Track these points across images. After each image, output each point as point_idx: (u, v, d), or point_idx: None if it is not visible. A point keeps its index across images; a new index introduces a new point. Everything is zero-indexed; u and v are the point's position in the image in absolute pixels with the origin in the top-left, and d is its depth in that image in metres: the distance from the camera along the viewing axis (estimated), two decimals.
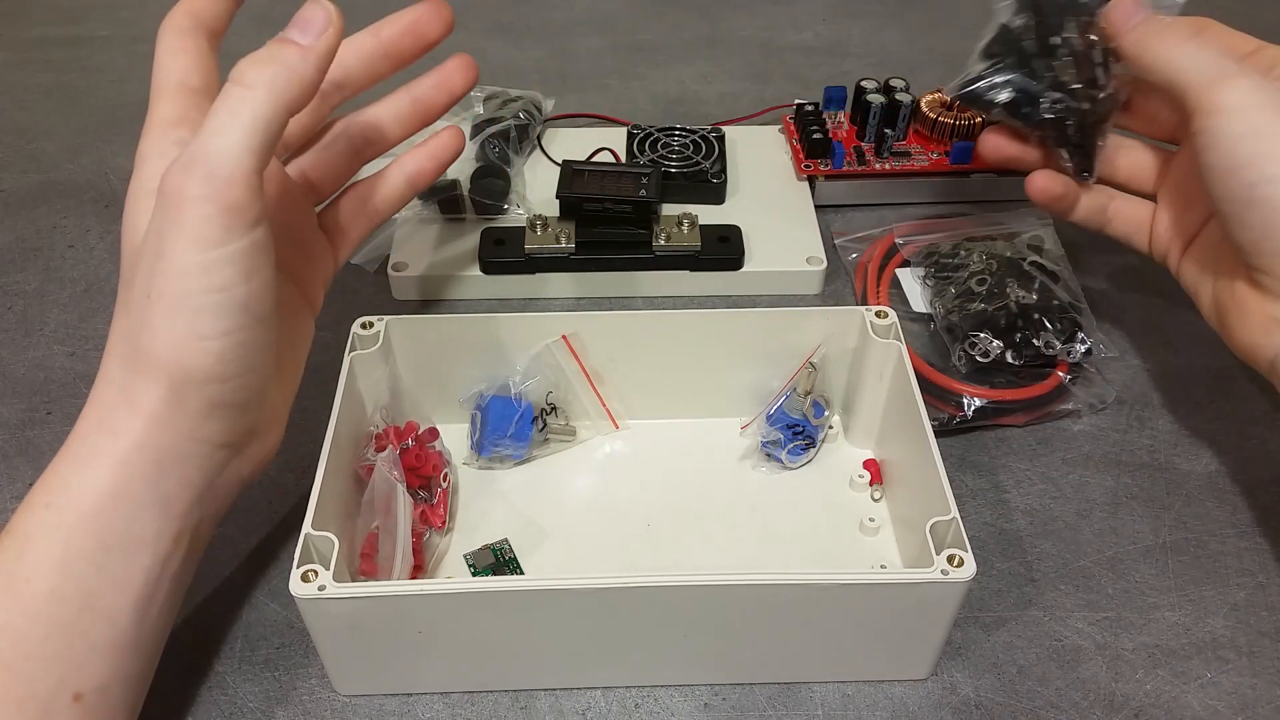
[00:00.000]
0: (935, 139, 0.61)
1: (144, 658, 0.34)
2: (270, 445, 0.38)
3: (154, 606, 0.34)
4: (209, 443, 0.34)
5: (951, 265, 0.53)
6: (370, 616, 0.35)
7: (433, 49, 0.42)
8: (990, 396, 0.48)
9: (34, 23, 0.82)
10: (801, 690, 0.39)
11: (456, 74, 0.43)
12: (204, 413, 0.33)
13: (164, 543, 0.33)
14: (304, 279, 0.41)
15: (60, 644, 0.31)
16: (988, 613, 0.41)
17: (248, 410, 0.35)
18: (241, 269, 0.32)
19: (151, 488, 0.33)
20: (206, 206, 0.31)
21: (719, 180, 0.59)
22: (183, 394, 0.32)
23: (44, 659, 0.31)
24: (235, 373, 0.33)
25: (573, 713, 0.38)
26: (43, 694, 0.31)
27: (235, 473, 0.36)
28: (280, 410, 0.39)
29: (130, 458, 0.32)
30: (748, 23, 0.82)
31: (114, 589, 0.32)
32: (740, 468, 0.46)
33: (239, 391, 0.34)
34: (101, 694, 0.32)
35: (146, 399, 0.32)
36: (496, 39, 0.79)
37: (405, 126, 0.43)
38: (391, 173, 0.44)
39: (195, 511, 0.35)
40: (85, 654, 0.32)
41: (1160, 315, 0.55)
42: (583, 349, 0.45)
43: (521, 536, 0.43)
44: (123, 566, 0.33)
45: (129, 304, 0.33)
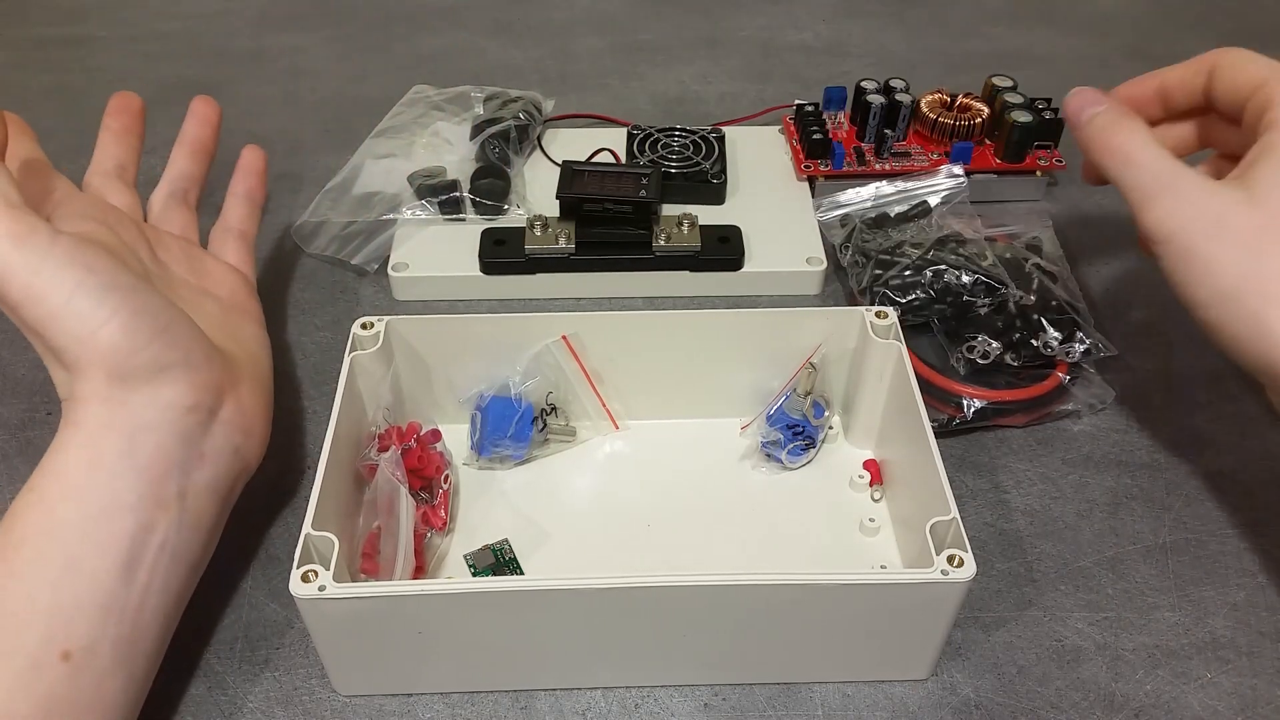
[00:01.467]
0: (935, 139, 0.61)
1: (133, 623, 0.35)
2: (251, 410, 0.41)
3: (140, 570, 0.35)
4: (173, 407, 0.37)
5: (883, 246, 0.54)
6: (370, 616, 0.35)
7: (219, 129, 0.52)
8: (990, 397, 0.48)
9: (34, 23, 0.82)
10: (801, 690, 0.39)
11: (202, 108, 0.52)
12: (151, 378, 0.36)
13: (146, 508, 0.36)
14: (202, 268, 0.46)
15: (46, 602, 0.33)
16: (988, 613, 0.41)
17: (193, 366, 0.38)
18: (78, 267, 0.35)
19: (126, 458, 0.36)
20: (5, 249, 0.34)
21: (719, 180, 0.59)
22: (120, 371, 0.36)
23: (30, 616, 0.33)
24: (149, 337, 0.36)
25: (573, 713, 0.38)
26: (31, 648, 0.33)
27: (225, 440, 0.39)
28: (247, 371, 0.42)
29: (97, 436, 0.35)
30: (748, 23, 0.82)
31: (97, 552, 0.34)
32: (740, 468, 0.46)
33: (169, 350, 0.37)
34: (90, 653, 0.34)
35: (91, 387, 0.36)
36: (496, 39, 0.79)
37: (197, 164, 0.51)
38: (228, 203, 0.52)
39: (177, 476, 0.37)
40: (71, 612, 0.33)
41: (1160, 315, 0.55)
42: (583, 349, 0.45)
43: (521, 537, 0.43)
44: (105, 531, 0.35)
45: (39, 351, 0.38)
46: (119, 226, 0.42)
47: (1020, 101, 0.60)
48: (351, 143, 0.63)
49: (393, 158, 0.60)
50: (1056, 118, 0.60)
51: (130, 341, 0.36)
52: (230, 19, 0.82)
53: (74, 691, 0.33)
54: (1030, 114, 0.59)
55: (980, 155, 0.61)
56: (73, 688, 0.33)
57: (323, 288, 0.56)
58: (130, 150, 0.47)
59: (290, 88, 0.74)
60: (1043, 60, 0.77)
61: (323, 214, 0.58)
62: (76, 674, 0.33)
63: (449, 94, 0.65)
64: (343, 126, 0.69)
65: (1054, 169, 0.61)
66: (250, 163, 0.53)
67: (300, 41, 0.79)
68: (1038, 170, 0.61)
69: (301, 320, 0.54)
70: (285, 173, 0.65)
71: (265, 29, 0.81)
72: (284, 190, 0.63)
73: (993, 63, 0.74)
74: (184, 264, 0.45)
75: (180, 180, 0.49)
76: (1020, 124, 0.59)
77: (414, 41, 0.79)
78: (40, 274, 0.35)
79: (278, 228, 0.60)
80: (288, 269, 0.58)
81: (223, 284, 0.46)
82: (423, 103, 0.65)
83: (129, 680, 0.35)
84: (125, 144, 0.47)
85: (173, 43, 0.79)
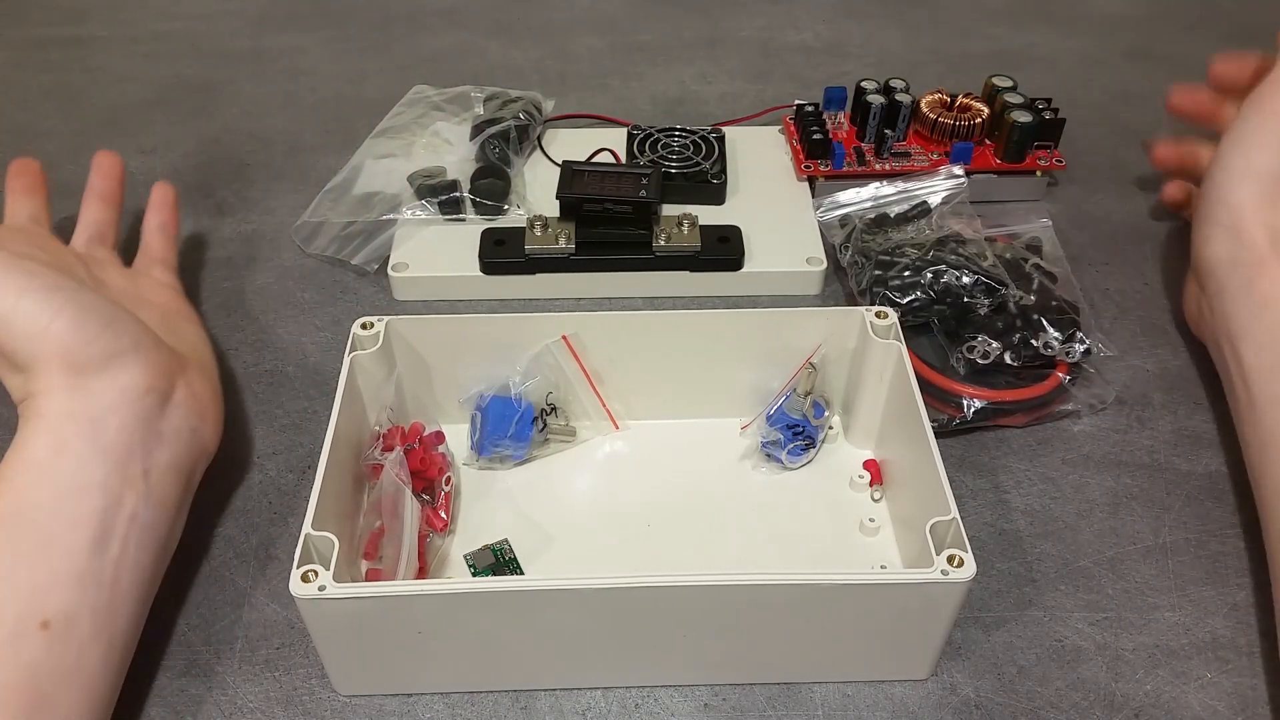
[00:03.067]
0: (935, 139, 0.61)
1: (111, 593, 0.37)
2: (203, 395, 0.43)
3: (112, 543, 0.37)
4: (131, 389, 0.39)
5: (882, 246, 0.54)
6: (370, 616, 0.35)
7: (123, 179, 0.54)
8: (990, 397, 0.48)
9: (34, 23, 0.82)
10: (801, 690, 0.39)
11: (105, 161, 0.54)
12: (106, 364, 0.39)
13: (113, 485, 0.38)
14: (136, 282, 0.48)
15: (23, 577, 0.35)
16: (988, 613, 0.41)
17: (144, 350, 0.40)
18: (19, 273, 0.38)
19: (90, 440, 0.38)
20: None
21: (719, 181, 0.59)
22: (76, 361, 0.38)
23: (8, 591, 0.35)
24: (98, 328, 0.39)
25: (573, 713, 0.38)
26: (11, 621, 0.34)
27: (182, 421, 0.41)
28: (193, 360, 0.44)
29: (60, 423, 0.38)
30: (748, 23, 0.82)
31: (69, 527, 0.36)
32: (740, 468, 0.46)
33: (119, 338, 0.39)
34: (69, 622, 0.35)
35: (50, 380, 0.38)
36: (496, 39, 0.79)
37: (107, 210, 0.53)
38: (145, 238, 0.54)
39: (140, 455, 0.39)
40: (48, 584, 0.35)
41: (1160, 315, 0.55)
42: (583, 349, 0.45)
43: (521, 537, 0.43)
44: (75, 508, 0.37)
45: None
46: (54, 250, 0.46)
47: (1020, 101, 0.60)
48: (351, 143, 0.63)
49: (393, 158, 0.60)
50: (1057, 118, 0.60)
51: (82, 332, 0.38)
52: (230, 19, 0.82)
53: (55, 659, 0.34)
54: (1030, 114, 0.59)
55: (980, 155, 0.61)
56: (54, 655, 0.34)
57: (323, 288, 0.56)
58: (41, 203, 0.50)
59: (290, 88, 0.74)
60: (1043, 60, 0.77)
61: (323, 214, 0.58)
62: (57, 642, 0.34)
63: (449, 94, 0.65)
64: (343, 126, 0.69)
65: (1054, 169, 0.61)
66: (160, 198, 0.55)
67: (300, 41, 0.79)
68: (1038, 170, 0.61)
69: (301, 320, 0.54)
70: (285, 173, 0.65)
71: (265, 29, 0.81)
72: (284, 190, 0.63)
73: (993, 63, 0.74)
74: (120, 280, 0.48)
75: (96, 225, 0.51)
76: (1020, 124, 0.59)
77: (414, 41, 0.79)
78: None
79: (278, 228, 0.60)
80: (288, 269, 0.58)
81: (158, 294, 0.49)
82: (423, 103, 0.65)
83: (109, 650, 0.36)
84: (35, 200, 0.50)
85: (173, 43, 0.79)
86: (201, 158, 0.66)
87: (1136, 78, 0.75)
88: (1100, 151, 0.67)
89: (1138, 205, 0.63)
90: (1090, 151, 0.67)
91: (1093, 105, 0.71)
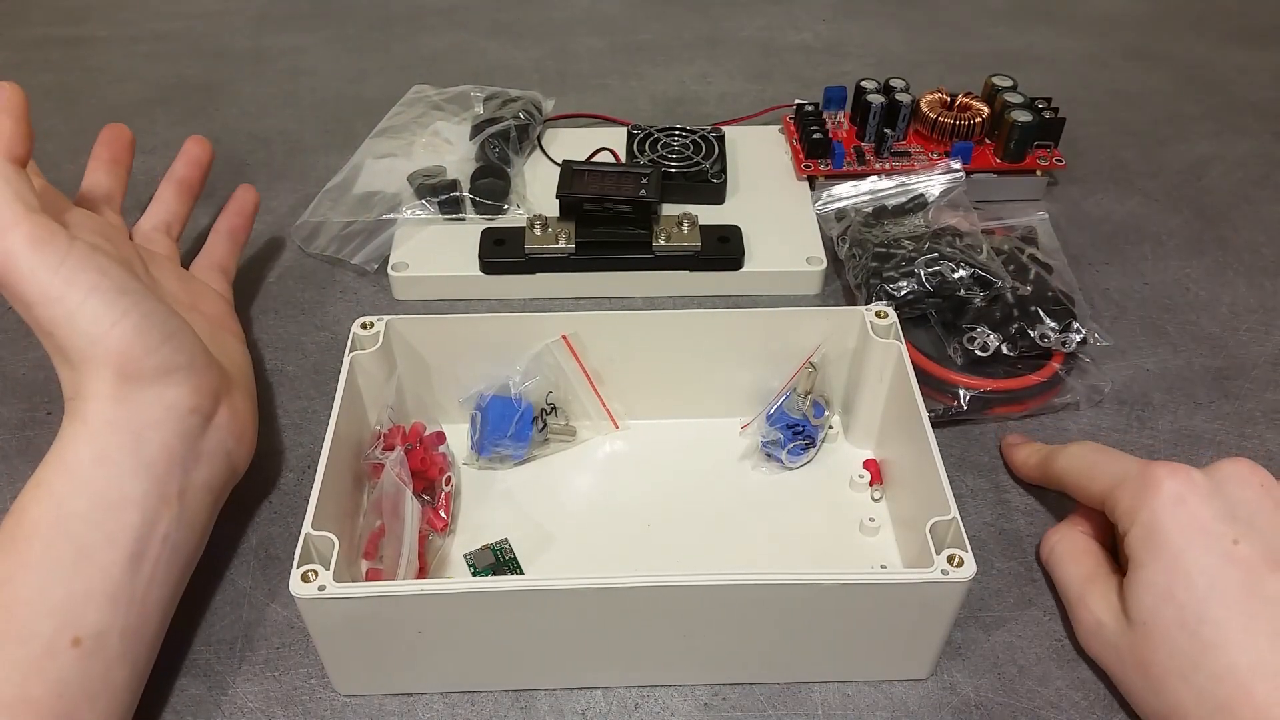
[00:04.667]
0: (935, 139, 0.61)
1: (140, 613, 0.36)
2: (242, 416, 0.42)
3: (145, 562, 0.36)
4: (177, 407, 0.38)
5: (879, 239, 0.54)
6: (370, 616, 0.35)
7: (209, 170, 0.54)
8: (987, 386, 0.48)
9: (34, 23, 0.82)
10: (801, 690, 0.39)
11: (195, 149, 0.53)
12: (158, 379, 0.38)
13: (151, 503, 0.37)
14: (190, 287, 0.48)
15: (58, 591, 0.34)
16: (988, 613, 0.41)
17: (196, 370, 0.39)
18: (92, 271, 0.37)
19: (132, 455, 0.37)
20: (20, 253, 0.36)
21: (719, 180, 0.59)
22: (130, 371, 0.37)
23: (43, 604, 0.34)
24: (159, 340, 0.38)
25: (573, 713, 0.38)
26: (45, 636, 0.33)
27: (219, 443, 0.40)
28: (238, 381, 0.43)
29: (103, 432, 0.37)
30: (748, 23, 0.82)
31: (106, 543, 0.36)
32: (740, 468, 0.46)
33: (176, 354, 0.38)
34: (99, 640, 0.35)
35: (100, 385, 0.37)
36: (496, 39, 0.79)
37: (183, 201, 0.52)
38: (212, 238, 0.53)
39: (178, 474, 0.38)
40: (82, 601, 0.35)
41: (1160, 315, 0.55)
42: (583, 349, 0.45)
43: (521, 536, 0.43)
44: (113, 523, 0.36)
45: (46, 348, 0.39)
46: (119, 242, 0.44)
47: (1020, 101, 0.60)
48: (351, 143, 0.63)
49: (393, 158, 0.60)
50: (1057, 117, 0.60)
51: (141, 343, 0.37)
52: (230, 19, 0.82)
53: (85, 677, 0.34)
54: (1030, 114, 0.59)
55: (980, 155, 0.61)
56: (83, 673, 0.34)
57: (323, 288, 0.56)
58: (119, 181, 0.48)
59: (290, 88, 0.74)
60: (1043, 60, 0.77)
61: (323, 214, 0.58)
62: (87, 660, 0.34)
63: (449, 94, 0.65)
64: (343, 126, 0.69)
65: (1054, 168, 0.61)
66: (241, 204, 0.55)
67: (300, 41, 0.79)
68: (1038, 170, 0.61)
69: (301, 320, 0.54)
70: (285, 173, 0.65)
71: (265, 29, 0.81)
72: (284, 190, 0.63)
73: (993, 63, 0.75)
74: (174, 282, 0.46)
75: (165, 215, 0.50)
76: (1020, 124, 0.59)
77: (414, 41, 0.79)
78: (57, 275, 0.36)
79: (278, 228, 0.60)
80: (288, 269, 0.58)
81: (209, 303, 0.48)
82: (423, 103, 0.65)
83: (133, 669, 0.36)
84: (114, 175, 0.48)
85: (173, 43, 0.79)
86: None
87: (1136, 78, 0.75)
88: (1100, 151, 0.67)
89: (1138, 205, 0.63)
90: (1090, 151, 0.67)
91: (1093, 105, 0.71)
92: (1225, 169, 0.66)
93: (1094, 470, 0.40)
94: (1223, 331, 0.54)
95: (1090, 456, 0.41)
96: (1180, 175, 0.65)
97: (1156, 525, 0.36)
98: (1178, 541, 0.35)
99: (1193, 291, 0.56)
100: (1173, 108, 0.72)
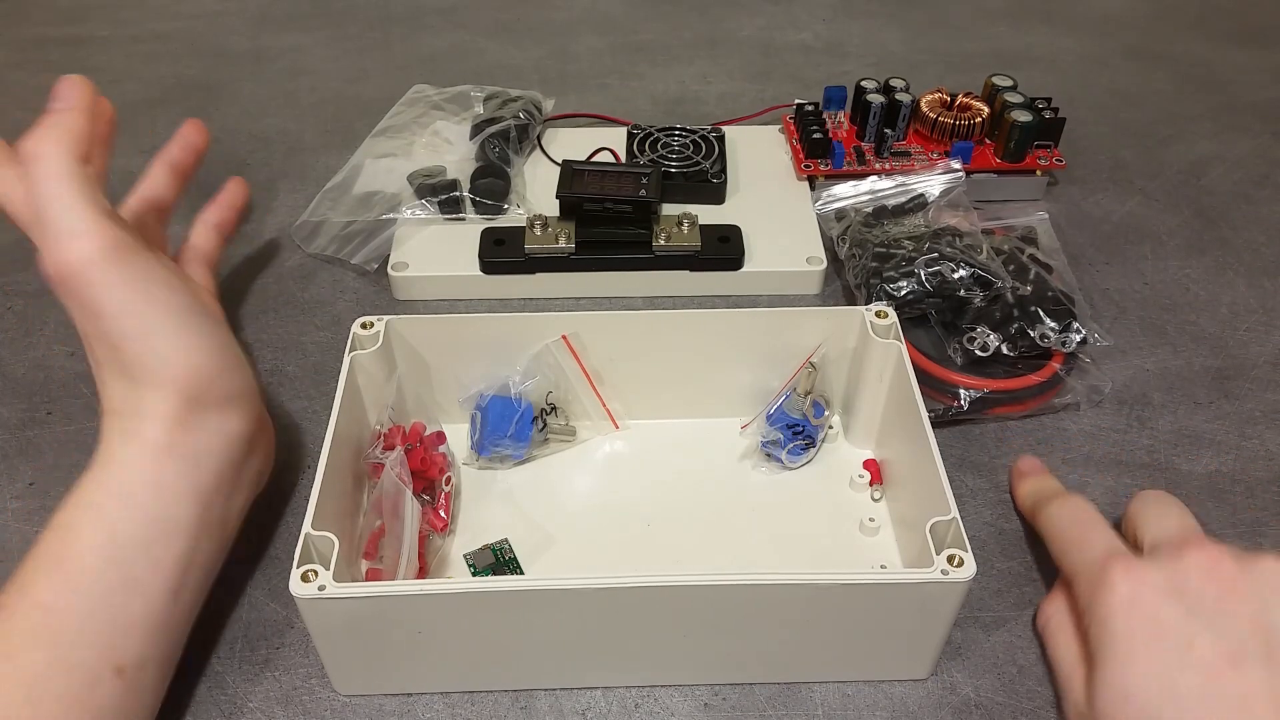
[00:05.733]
0: (935, 139, 0.61)
1: (173, 640, 0.36)
2: (270, 437, 0.42)
3: (185, 590, 0.36)
4: (231, 435, 0.38)
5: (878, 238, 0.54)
6: (370, 616, 0.35)
7: (204, 156, 0.50)
8: (987, 386, 0.48)
9: (34, 23, 0.82)
10: (801, 690, 0.39)
11: (192, 134, 0.50)
12: (220, 406, 0.38)
13: (194, 531, 0.37)
14: None
15: (104, 620, 0.34)
16: (988, 613, 0.41)
17: (248, 398, 0.39)
18: (177, 290, 0.37)
19: (188, 481, 0.36)
20: (99, 262, 0.34)
21: (719, 180, 0.59)
22: (196, 396, 0.37)
23: (90, 633, 0.33)
24: (222, 367, 0.38)
25: (573, 713, 0.38)
26: (90, 664, 0.33)
27: (253, 467, 0.41)
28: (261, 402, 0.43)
29: (161, 457, 0.36)
30: (748, 23, 0.82)
31: (153, 571, 0.35)
32: (740, 468, 0.46)
33: (235, 381, 0.38)
34: (140, 669, 0.34)
35: (163, 407, 0.36)
36: (496, 39, 0.79)
37: (173, 185, 0.49)
38: (199, 230, 0.51)
39: (222, 501, 0.38)
40: (126, 630, 0.34)
41: (1160, 315, 0.55)
42: (583, 349, 0.45)
43: (521, 536, 0.43)
44: (161, 550, 0.35)
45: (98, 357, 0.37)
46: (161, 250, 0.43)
47: (1020, 101, 0.60)
48: (351, 143, 0.63)
49: (393, 157, 0.60)
50: (1057, 117, 0.60)
51: (212, 367, 0.37)
52: (230, 19, 0.82)
53: (123, 706, 0.34)
54: (1030, 114, 0.59)
55: (980, 155, 0.61)
56: (123, 702, 0.34)
57: (323, 288, 0.56)
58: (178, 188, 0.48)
59: (290, 88, 0.74)
60: (1043, 60, 0.77)
61: (323, 214, 0.58)
62: (127, 690, 0.34)
63: (449, 94, 0.65)
64: (343, 126, 0.69)
65: (1054, 168, 0.61)
66: (232, 197, 0.53)
67: (300, 41, 0.79)
68: (1038, 170, 0.61)
69: (301, 320, 0.54)
70: (285, 173, 0.65)
71: (265, 29, 0.81)
72: (284, 190, 0.63)
73: (993, 63, 0.75)
74: None
75: (154, 197, 0.48)
76: (1020, 124, 0.59)
77: (414, 41, 0.79)
78: (135, 288, 0.35)
79: (278, 228, 0.60)
80: (288, 269, 0.58)
81: (210, 301, 0.47)
82: (423, 102, 0.65)
83: (161, 693, 0.36)
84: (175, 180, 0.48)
85: (173, 43, 0.79)
86: None
87: (1136, 78, 0.75)
88: (1100, 151, 0.67)
89: (1137, 205, 0.63)
90: (1090, 151, 0.67)
91: (1093, 105, 0.71)
92: (1225, 169, 0.66)
93: (1066, 543, 0.39)
94: (1223, 331, 0.54)
95: (1065, 526, 0.39)
96: (1180, 175, 0.65)
97: (1109, 627, 0.34)
98: (1129, 646, 0.33)
99: (1193, 291, 0.56)
100: (1173, 108, 0.72)
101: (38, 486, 0.46)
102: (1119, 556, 0.35)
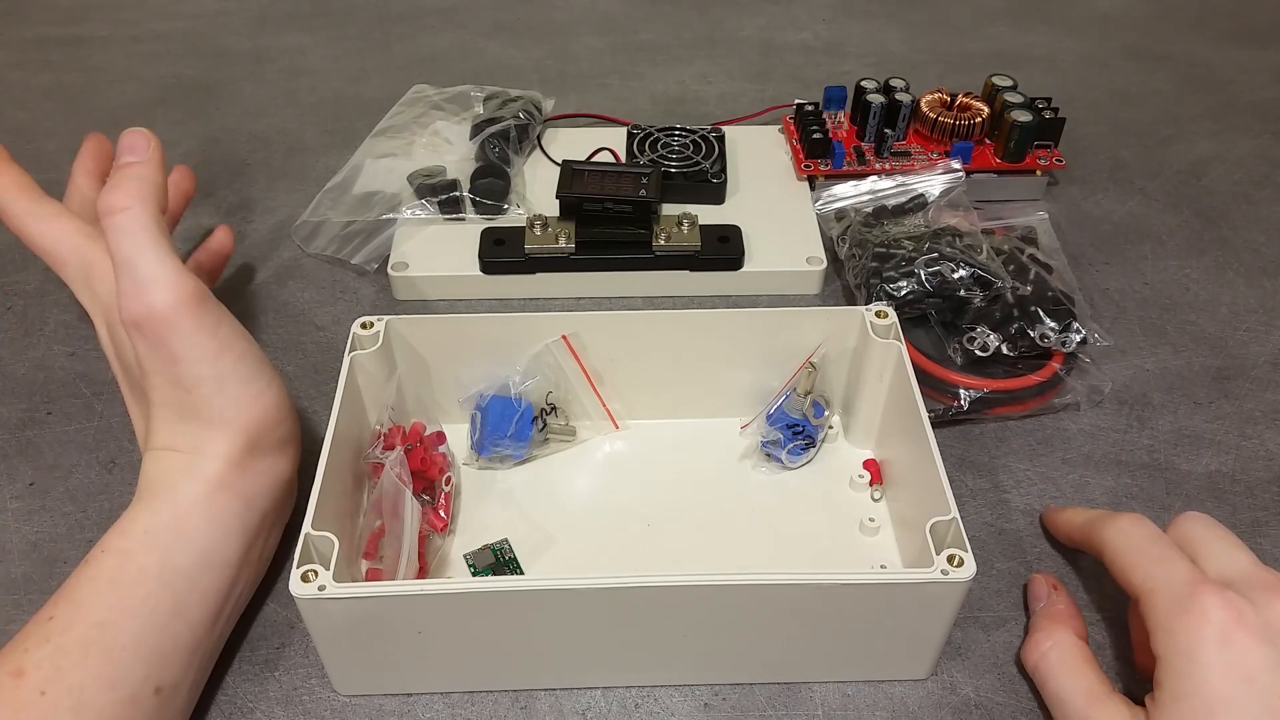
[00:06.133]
0: (935, 139, 0.61)
1: (206, 665, 0.38)
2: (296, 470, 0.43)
3: (222, 620, 0.38)
4: (279, 478, 0.40)
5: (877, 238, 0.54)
6: (370, 616, 0.35)
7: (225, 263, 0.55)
8: (987, 386, 0.48)
9: (34, 23, 0.82)
10: (801, 690, 0.39)
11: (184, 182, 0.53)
12: (275, 450, 0.40)
13: (239, 563, 0.38)
14: None
15: (150, 641, 0.35)
16: (988, 613, 0.41)
17: (296, 444, 0.42)
18: (245, 338, 0.39)
19: (239, 519, 0.38)
20: (183, 310, 0.36)
21: (719, 180, 0.59)
22: (258, 440, 0.39)
23: (136, 652, 0.35)
24: (282, 414, 0.40)
25: (573, 713, 0.38)
26: (133, 682, 0.34)
27: (290, 508, 0.43)
28: None
29: (216, 494, 0.38)
30: (748, 23, 0.82)
31: (200, 600, 0.37)
32: (740, 468, 0.46)
33: (289, 428, 0.40)
34: (175, 691, 0.36)
35: (226, 448, 0.38)
36: (496, 39, 0.79)
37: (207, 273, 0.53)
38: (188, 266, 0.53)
39: (263, 539, 0.40)
40: (169, 653, 0.35)
41: (1160, 315, 0.55)
42: (583, 349, 0.45)
43: (521, 536, 0.43)
44: (208, 582, 0.37)
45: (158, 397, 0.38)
46: None
47: (1020, 101, 0.60)
48: (351, 143, 0.63)
49: (393, 157, 0.60)
50: (1057, 117, 0.60)
51: (277, 414, 0.39)
52: (230, 19, 0.82)
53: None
54: (1030, 114, 0.59)
55: (980, 155, 0.61)
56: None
57: (323, 288, 0.56)
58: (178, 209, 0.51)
59: (290, 88, 0.74)
60: (1043, 60, 0.77)
61: (323, 214, 0.58)
62: (162, 709, 0.35)
63: (449, 94, 0.65)
64: (343, 126, 0.69)
65: (1054, 168, 0.61)
66: (220, 244, 0.55)
67: (300, 41, 0.79)
68: (1038, 170, 0.61)
69: (301, 320, 0.54)
70: (285, 173, 0.65)
71: (265, 29, 0.81)
72: (284, 190, 0.63)
73: (993, 63, 0.75)
74: None
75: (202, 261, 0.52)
76: (1020, 124, 0.59)
77: (414, 41, 0.79)
78: (215, 337, 0.37)
79: (278, 228, 0.60)
80: (288, 269, 0.58)
81: None
82: (423, 102, 0.65)
83: (188, 717, 0.37)
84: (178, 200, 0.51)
85: (173, 43, 0.79)
86: (201, 158, 0.66)
87: (1136, 78, 0.75)
88: (1100, 151, 0.67)
89: (1137, 205, 0.63)
90: (1090, 151, 0.67)
91: (1093, 105, 0.71)
92: (1225, 169, 0.66)
93: (1139, 559, 0.36)
94: (1223, 331, 0.54)
95: (1138, 541, 0.37)
96: (1180, 175, 0.65)
97: (1197, 661, 0.32)
98: (1218, 687, 0.32)
99: (1193, 291, 0.56)
100: (1173, 108, 0.72)
101: (37, 486, 0.46)
102: (1211, 583, 0.34)
